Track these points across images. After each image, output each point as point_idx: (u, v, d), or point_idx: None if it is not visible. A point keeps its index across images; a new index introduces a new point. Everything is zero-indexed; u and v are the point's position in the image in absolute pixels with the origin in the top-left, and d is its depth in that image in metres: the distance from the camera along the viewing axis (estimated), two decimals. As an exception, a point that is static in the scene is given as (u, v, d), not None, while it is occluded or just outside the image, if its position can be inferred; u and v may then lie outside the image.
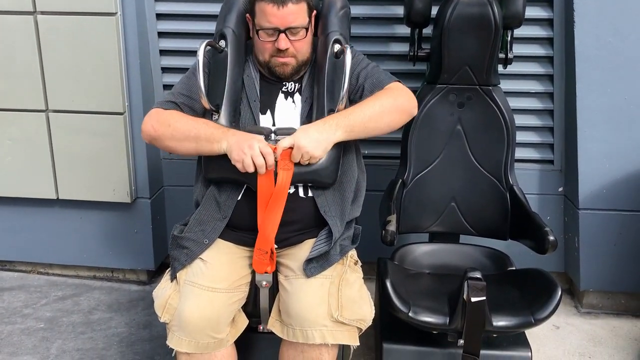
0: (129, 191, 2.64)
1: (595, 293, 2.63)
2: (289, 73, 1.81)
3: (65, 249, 2.83)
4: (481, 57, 2.07)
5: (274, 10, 1.70)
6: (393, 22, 2.49)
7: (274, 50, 1.76)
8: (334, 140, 1.70)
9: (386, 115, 1.77)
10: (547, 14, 2.42)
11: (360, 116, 1.72)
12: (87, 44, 2.47)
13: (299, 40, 1.76)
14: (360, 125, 1.72)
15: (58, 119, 2.59)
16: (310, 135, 1.66)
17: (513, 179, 2.15)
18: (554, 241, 1.87)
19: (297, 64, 1.81)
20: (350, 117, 1.72)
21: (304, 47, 1.80)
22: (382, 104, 1.76)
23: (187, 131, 1.72)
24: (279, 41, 1.73)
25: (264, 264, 1.73)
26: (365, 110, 1.73)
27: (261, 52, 1.80)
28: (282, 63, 1.78)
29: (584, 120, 2.40)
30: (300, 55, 1.79)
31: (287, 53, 1.76)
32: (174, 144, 1.75)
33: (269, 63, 1.80)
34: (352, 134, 1.73)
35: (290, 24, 1.72)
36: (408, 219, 2.19)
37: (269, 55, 1.79)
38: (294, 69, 1.81)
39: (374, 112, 1.74)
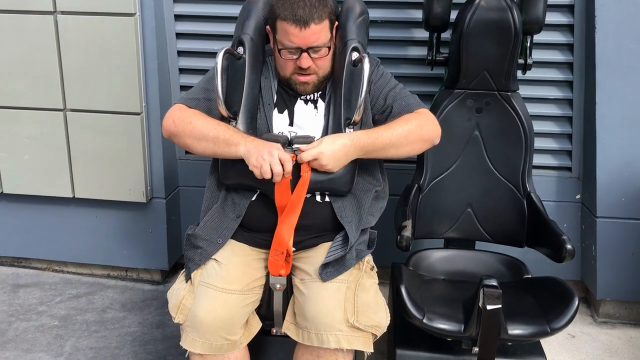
0: (144, 191, 2.65)
1: (612, 302, 2.60)
2: (310, 91, 1.81)
3: (80, 247, 2.84)
4: (500, 63, 2.05)
5: (296, 31, 1.68)
6: (411, 25, 2.48)
7: (295, 68, 1.76)
8: (351, 159, 1.72)
9: (409, 143, 1.75)
10: (568, 20, 2.40)
11: (382, 140, 1.72)
12: (105, 44, 2.48)
13: (321, 58, 1.75)
14: (381, 149, 1.73)
15: (75, 118, 2.60)
16: (335, 152, 1.67)
17: (531, 186, 2.13)
18: (571, 250, 1.84)
19: (319, 81, 1.80)
20: (375, 140, 1.71)
21: (326, 64, 1.79)
22: (408, 131, 1.74)
23: (207, 131, 1.72)
24: (301, 60, 1.72)
25: (279, 265, 1.73)
26: (390, 135, 1.73)
27: (282, 69, 1.80)
28: (303, 82, 1.78)
29: (603, 128, 2.37)
30: (321, 71, 1.79)
31: (308, 70, 1.75)
32: (192, 142, 1.76)
33: (289, 80, 1.80)
34: (369, 155, 1.74)
35: (313, 43, 1.71)
36: (423, 224, 2.17)
37: (290, 73, 1.78)
38: (315, 86, 1.80)
39: (398, 138, 1.73)
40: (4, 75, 2.59)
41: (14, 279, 2.89)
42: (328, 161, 1.67)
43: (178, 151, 2.76)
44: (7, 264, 3.01)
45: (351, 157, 1.71)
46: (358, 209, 1.80)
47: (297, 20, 1.67)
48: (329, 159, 1.67)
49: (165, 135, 1.82)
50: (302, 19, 1.66)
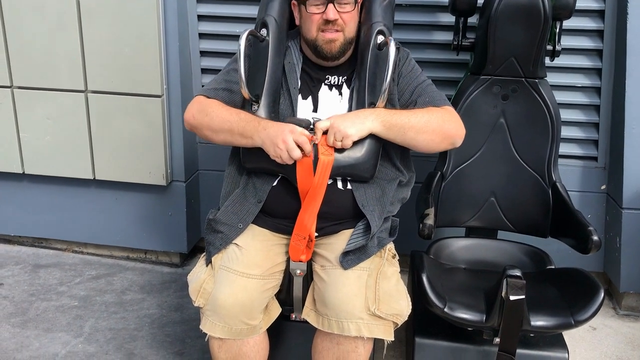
0: (164, 174, 2.65)
1: (635, 295, 2.55)
2: (336, 51, 1.76)
3: (100, 229, 2.86)
4: (528, 49, 2.01)
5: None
6: (437, 9, 2.43)
7: (321, 23, 1.72)
8: (369, 126, 1.67)
9: (429, 132, 1.71)
10: (599, 5, 2.34)
11: (402, 119, 1.69)
12: (127, 26, 2.47)
13: (347, 13, 1.73)
14: (400, 127, 1.69)
15: (97, 99, 2.60)
16: (346, 116, 1.67)
17: (556, 176, 2.09)
18: (597, 241, 1.81)
19: (344, 41, 1.76)
20: (394, 115, 1.69)
21: (351, 23, 1.76)
22: (429, 119, 1.71)
23: (222, 123, 1.72)
24: (328, 11, 1.70)
25: (300, 251, 1.71)
26: (411, 117, 1.70)
27: (309, 29, 1.76)
28: (330, 40, 1.74)
29: (632, 117, 2.32)
30: (347, 31, 1.75)
31: (335, 25, 1.72)
32: (211, 134, 1.77)
33: (315, 41, 1.76)
34: (389, 132, 1.69)
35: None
36: (445, 212, 2.15)
37: (316, 30, 1.74)
38: (341, 45, 1.76)
39: (418, 123, 1.70)
40: (26, 56, 2.59)
41: (35, 259, 2.92)
42: (340, 122, 1.64)
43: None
44: (28, 244, 3.04)
45: (365, 122, 1.66)
46: (381, 197, 1.77)
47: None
48: (340, 119, 1.65)
49: (188, 128, 1.83)
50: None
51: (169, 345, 2.32)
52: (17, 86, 2.66)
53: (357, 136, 1.66)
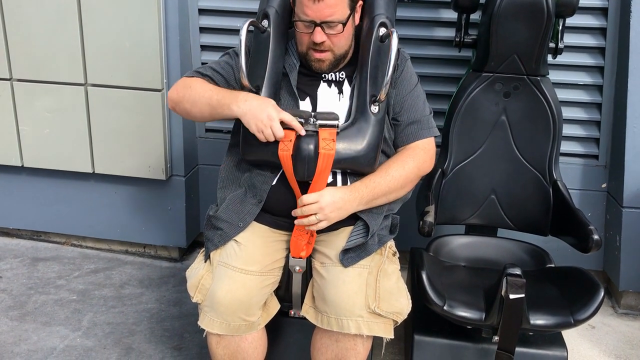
0: (164, 168, 2.64)
1: (634, 294, 2.55)
2: (325, 68, 1.76)
3: (99, 223, 2.85)
4: (531, 46, 1.99)
5: (310, 3, 1.63)
6: (439, 5, 2.41)
7: (310, 43, 1.71)
8: (350, 212, 1.69)
9: (407, 185, 1.78)
10: (602, 3, 2.32)
11: (381, 188, 1.72)
12: (127, 20, 2.46)
13: (336, 35, 1.69)
14: (380, 196, 1.73)
15: (96, 93, 2.59)
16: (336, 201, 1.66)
17: (557, 174, 2.08)
18: (597, 240, 1.80)
19: (335, 59, 1.74)
20: (371, 187, 1.71)
21: (342, 42, 1.73)
22: (406, 176, 1.75)
23: (202, 93, 1.71)
24: (314, 34, 1.67)
25: (301, 246, 1.71)
26: (387, 182, 1.72)
27: (300, 43, 1.75)
28: (318, 59, 1.73)
29: (634, 115, 2.31)
30: (337, 49, 1.73)
31: (323, 46, 1.70)
32: (190, 106, 1.74)
33: (306, 55, 1.75)
34: (369, 205, 1.72)
35: (326, 18, 1.65)
36: (445, 209, 2.14)
37: (306, 48, 1.73)
38: (331, 63, 1.75)
39: (395, 184, 1.73)
40: (26, 49, 2.58)
41: (33, 253, 2.91)
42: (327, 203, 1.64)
43: (198, 129, 2.74)
44: (27, 237, 3.03)
45: (350, 211, 1.69)
46: None
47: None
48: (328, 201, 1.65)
49: (170, 105, 1.82)
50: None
51: (167, 340, 2.32)
52: (16, 79, 2.64)
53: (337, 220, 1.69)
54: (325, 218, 1.66)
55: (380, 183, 1.72)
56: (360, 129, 1.71)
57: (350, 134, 1.70)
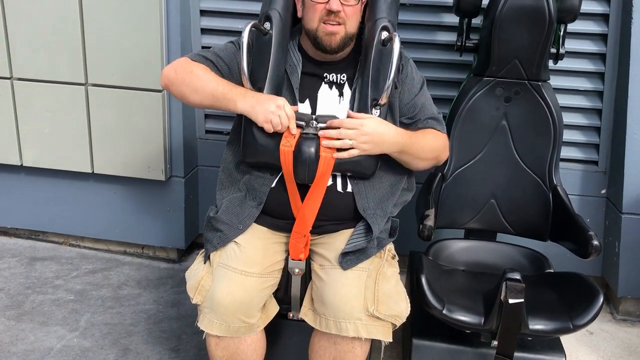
0: (163, 169, 2.63)
1: (632, 300, 2.55)
2: (335, 44, 1.74)
3: (98, 223, 2.85)
4: (532, 51, 2.00)
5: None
6: (441, 10, 2.42)
7: (324, 14, 1.70)
8: (385, 151, 1.71)
9: (431, 158, 1.82)
10: (603, 9, 2.33)
11: (417, 146, 1.75)
12: (129, 20, 2.46)
13: (351, 7, 1.71)
14: (413, 153, 1.75)
15: (97, 93, 2.59)
16: (378, 132, 1.67)
17: (557, 179, 2.09)
18: (597, 246, 1.81)
19: (345, 35, 1.74)
20: (413, 141, 1.74)
21: (354, 18, 1.74)
22: (436, 147, 1.81)
23: (207, 82, 1.71)
24: (331, 2, 1.68)
25: (299, 249, 1.71)
26: (422, 145, 1.77)
27: (311, 19, 1.74)
28: (330, 32, 1.72)
29: (634, 122, 2.31)
30: (349, 25, 1.73)
31: (337, 17, 1.70)
32: (188, 91, 1.74)
33: (316, 31, 1.73)
34: (400, 155, 1.75)
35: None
36: (445, 213, 2.14)
37: (318, 20, 1.72)
38: (342, 39, 1.74)
39: (427, 150, 1.78)
40: (27, 48, 2.58)
41: (31, 252, 2.90)
42: (370, 131, 1.65)
43: (198, 130, 2.74)
44: (25, 236, 3.02)
45: (386, 148, 1.70)
46: (381, 202, 1.77)
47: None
48: (368, 134, 1.65)
49: (163, 83, 1.81)
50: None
51: (164, 341, 2.31)
52: (17, 78, 2.64)
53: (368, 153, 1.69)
54: (357, 147, 1.66)
55: (419, 140, 1.76)
56: None
57: None
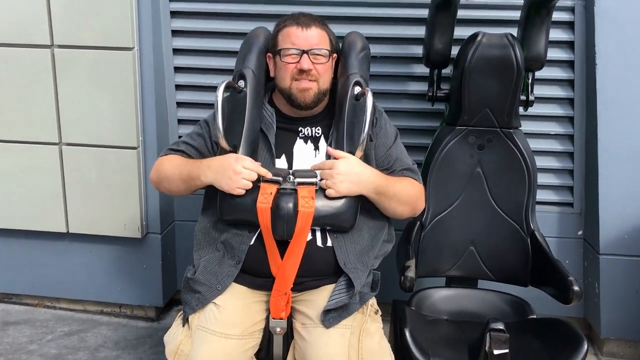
0: (140, 226, 2.60)
1: (616, 341, 2.55)
2: (309, 100, 1.77)
3: (74, 283, 2.78)
4: (502, 100, 2.04)
5: (298, 31, 1.74)
6: (411, 61, 2.47)
7: (296, 73, 1.74)
8: (361, 191, 1.71)
9: (407, 204, 1.81)
10: (568, 56, 2.40)
11: (394, 189, 1.76)
12: (103, 78, 2.46)
13: (321, 64, 1.76)
14: (389, 197, 1.76)
15: (71, 152, 2.56)
16: (351, 173, 1.68)
17: (534, 224, 2.10)
18: (578, 292, 1.81)
19: (318, 91, 1.77)
20: (388, 184, 1.75)
21: (325, 75, 1.79)
22: (412, 194, 1.82)
23: (173, 170, 1.80)
24: (302, 61, 1.72)
25: (281, 307, 1.68)
26: (400, 188, 1.78)
27: (283, 78, 1.78)
28: (304, 89, 1.75)
29: (605, 163, 2.35)
30: (321, 82, 1.77)
31: (309, 75, 1.74)
32: (168, 184, 1.84)
33: (290, 89, 1.77)
34: (376, 198, 1.75)
35: (314, 46, 1.74)
36: (426, 262, 2.13)
37: (290, 79, 1.76)
38: (315, 95, 1.77)
39: (404, 195, 1.79)
40: (0, 108, 2.56)
41: (4, 316, 2.81)
42: (342, 177, 1.66)
43: (175, 185, 2.71)
44: (-3, 300, 2.95)
45: (363, 188, 1.70)
46: (362, 255, 1.76)
47: (299, 23, 1.77)
48: (342, 173, 1.67)
49: (155, 187, 1.91)
50: (305, 22, 1.77)
51: (144, 406, 2.24)
52: (-12, 138, 2.61)
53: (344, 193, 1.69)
54: (333, 186, 1.66)
55: (395, 183, 1.77)
56: None
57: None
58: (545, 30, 2.08)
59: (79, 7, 2.40)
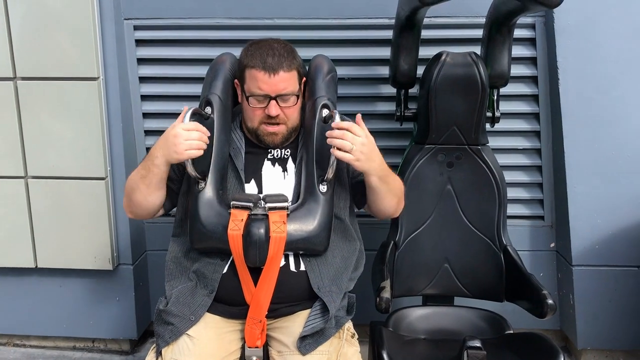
0: (110, 258, 2.55)
1: (593, 351, 2.57)
2: (278, 142, 1.78)
3: (44, 319, 2.71)
4: (469, 117, 2.06)
5: (265, 77, 1.68)
6: (379, 82, 2.48)
7: (263, 117, 1.73)
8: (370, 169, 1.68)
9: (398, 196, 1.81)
10: (532, 72, 2.44)
11: (392, 177, 1.77)
12: (68, 109, 2.42)
13: (290, 107, 1.74)
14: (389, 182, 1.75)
15: (38, 185, 2.51)
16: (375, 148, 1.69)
17: (507, 239, 2.11)
18: (552, 305, 1.82)
19: (287, 132, 1.78)
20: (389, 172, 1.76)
21: (295, 114, 1.78)
22: (400, 187, 1.83)
23: (134, 176, 1.74)
24: (270, 108, 1.70)
25: (256, 335, 1.66)
26: (394, 178, 1.80)
27: (250, 119, 1.77)
28: (272, 132, 1.75)
29: (573, 176, 2.39)
30: (290, 122, 1.77)
31: (277, 119, 1.73)
32: (137, 197, 1.74)
33: (257, 130, 1.77)
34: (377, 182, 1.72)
35: (281, 91, 1.70)
36: (401, 282, 2.13)
37: (258, 122, 1.75)
38: (284, 137, 1.78)
39: (396, 185, 1.79)
40: (-39, 144, 2.50)
41: (-28, 357, 2.73)
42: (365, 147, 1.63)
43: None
44: (-36, 340, 2.85)
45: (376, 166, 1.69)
46: (336, 278, 1.74)
47: (266, 67, 1.68)
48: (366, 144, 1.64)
49: (129, 215, 1.84)
50: (271, 66, 1.68)
51: None
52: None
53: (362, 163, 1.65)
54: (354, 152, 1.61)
55: (391, 172, 1.77)
56: (310, 209, 1.71)
57: (300, 215, 1.70)
58: (508, 47, 2.12)
59: (41, 38, 2.37)
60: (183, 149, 1.61)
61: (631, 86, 2.32)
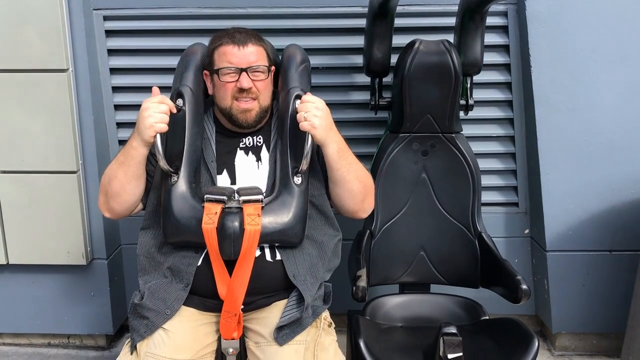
0: (84, 252, 2.51)
1: (567, 335, 2.61)
2: (252, 120, 1.76)
3: (17, 317, 2.66)
4: (442, 105, 2.06)
5: (235, 50, 1.72)
6: (353, 71, 2.48)
7: (236, 91, 1.72)
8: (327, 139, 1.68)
9: (361, 182, 1.77)
10: (504, 59, 2.45)
11: (353, 157, 1.75)
12: (37, 102, 2.37)
13: (261, 81, 1.74)
14: (348, 161, 1.72)
15: (7, 180, 2.46)
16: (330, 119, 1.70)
17: (481, 226, 2.13)
18: (526, 290, 1.83)
19: (260, 110, 1.76)
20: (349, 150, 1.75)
21: (265, 91, 1.77)
22: (365, 174, 1.79)
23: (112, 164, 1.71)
24: (241, 80, 1.71)
25: (232, 328, 1.64)
26: (356, 161, 1.76)
27: (223, 98, 1.75)
28: (245, 109, 1.74)
29: (546, 162, 2.41)
30: (262, 99, 1.76)
31: (250, 93, 1.72)
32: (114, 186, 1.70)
33: (230, 109, 1.75)
34: (336, 157, 1.70)
35: (252, 63, 1.72)
36: (378, 270, 2.13)
37: (230, 99, 1.74)
38: (257, 115, 1.76)
39: (358, 169, 1.76)
40: None
41: (-57, 356, 2.68)
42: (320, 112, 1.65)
43: (119, 208, 2.64)
44: None
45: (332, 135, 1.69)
46: (312, 267, 1.74)
47: (235, 41, 1.73)
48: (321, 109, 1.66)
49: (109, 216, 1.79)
50: (240, 40, 1.74)
51: None
52: None
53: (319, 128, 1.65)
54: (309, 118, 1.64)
55: (352, 154, 1.75)
56: (284, 201, 1.70)
57: (275, 208, 1.69)
58: (480, 35, 2.12)
59: (7, 30, 2.31)
60: (153, 122, 1.61)
61: (602, 73, 2.35)
